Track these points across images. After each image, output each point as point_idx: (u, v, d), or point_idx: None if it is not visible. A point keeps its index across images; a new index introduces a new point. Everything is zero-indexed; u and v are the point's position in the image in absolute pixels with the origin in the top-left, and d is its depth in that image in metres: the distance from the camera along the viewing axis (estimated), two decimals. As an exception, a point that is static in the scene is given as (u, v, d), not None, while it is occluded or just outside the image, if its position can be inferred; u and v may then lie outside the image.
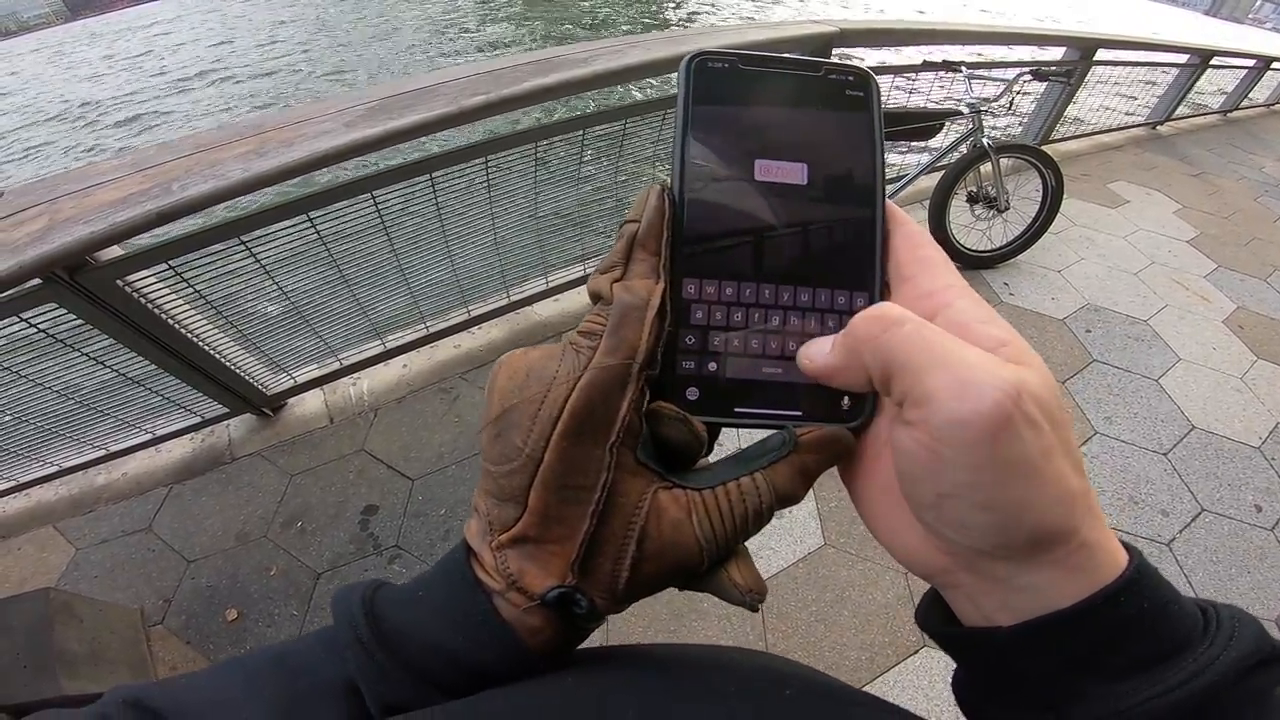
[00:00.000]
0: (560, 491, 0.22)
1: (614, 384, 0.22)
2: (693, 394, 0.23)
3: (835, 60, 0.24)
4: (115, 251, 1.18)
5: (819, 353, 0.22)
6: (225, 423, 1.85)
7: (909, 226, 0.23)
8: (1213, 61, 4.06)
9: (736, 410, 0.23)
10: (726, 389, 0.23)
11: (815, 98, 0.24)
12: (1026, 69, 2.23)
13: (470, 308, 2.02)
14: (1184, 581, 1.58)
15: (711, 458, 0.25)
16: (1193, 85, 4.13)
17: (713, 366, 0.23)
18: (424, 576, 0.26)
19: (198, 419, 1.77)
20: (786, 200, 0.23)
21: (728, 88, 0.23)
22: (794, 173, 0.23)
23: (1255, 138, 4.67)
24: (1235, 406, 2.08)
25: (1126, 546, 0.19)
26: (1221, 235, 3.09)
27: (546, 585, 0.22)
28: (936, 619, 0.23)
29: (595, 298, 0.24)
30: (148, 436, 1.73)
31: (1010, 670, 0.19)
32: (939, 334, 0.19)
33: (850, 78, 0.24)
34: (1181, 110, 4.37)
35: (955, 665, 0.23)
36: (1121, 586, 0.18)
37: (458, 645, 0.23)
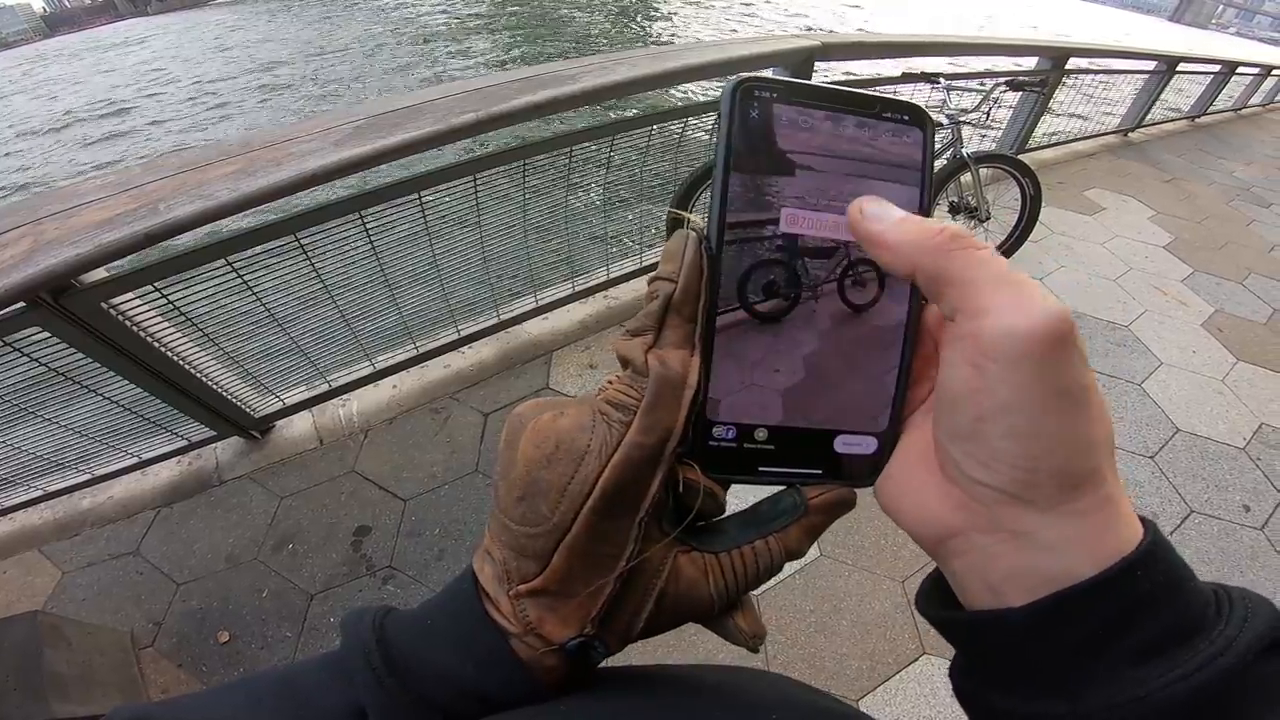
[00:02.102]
0: (585, 558, 0.22)
1: (646, 463, 0.22)
2: (718, 454, 0.23)
3: (889, 96, 0.23)
4: (100, 274, 1.16)
5: (878, 216, 0.21)
6: (213, 445, 1.82)
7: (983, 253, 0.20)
8: (1179, 67, 4.18)
9: (760, 469, 0.23)
10: (752, 451, 0.23)
11: (868, 140, 0.22)
12: (1002, 79, 2.28)
13: (460, 327, 2.01)
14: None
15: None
16: (1161, 91, 4.25)
17: (741, 429, 0.22)
18: (432, 605, 0.26)
19: (184, 442, 1.74)
20: (829, 258, 0.22)
21: (774, 124, 0.22)
22: (840, 228, 0.22)
23: (1224, 142, 4.81)
24: (1218, 408, 2.11)
25: (1141, 519, 0.19)
26: (1196, 240, 3.17)
27: (566, 635, 0.23)
28: (939, 603, 0.22)
29: (625, 363, 0.23)
30: (134, 460, 1.70)
31: (1019, 654, 0.18)
32: (1005, 263, 0.19)
33: (905, 117, 0.23)
34: (1151, 115, 4.48)
35: (955, 653, 0.22)
36: (1138, 558, 0.17)
37: (468, 676, 0.24)
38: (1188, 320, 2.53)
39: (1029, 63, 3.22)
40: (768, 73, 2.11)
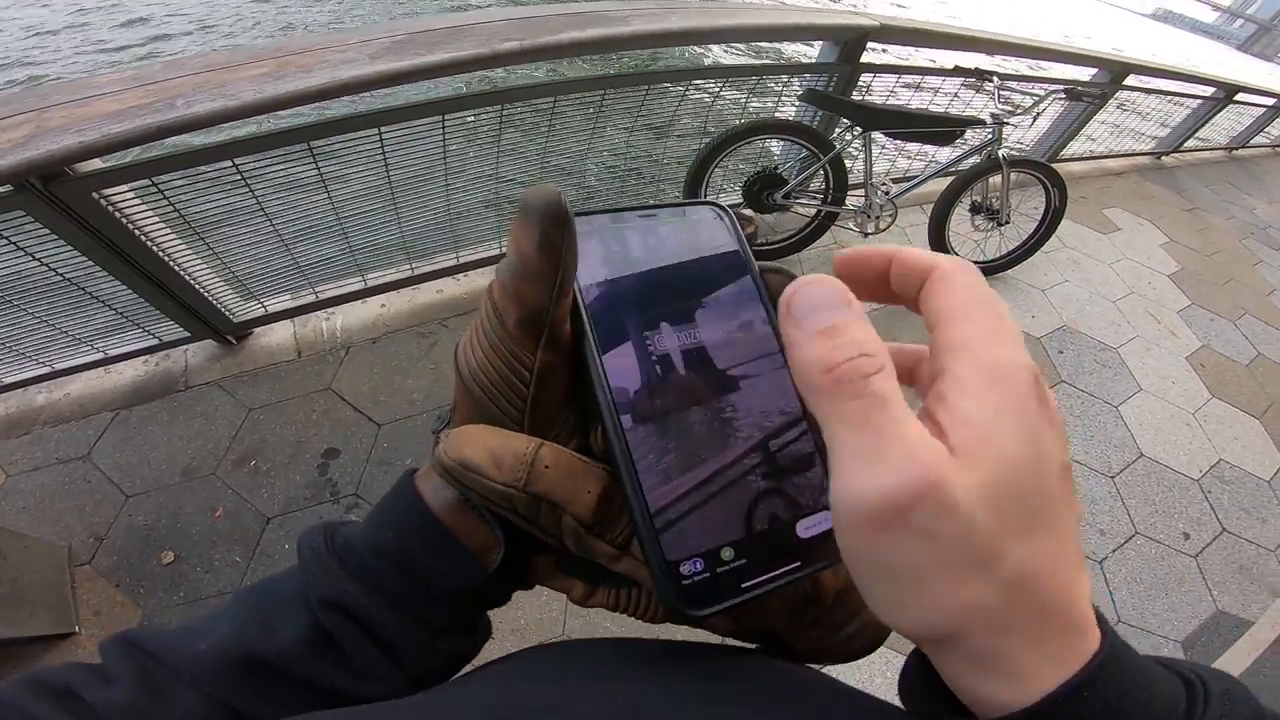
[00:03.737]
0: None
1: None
2: (696, 591, 0.22)
3: (685, 200, 0.28)
4: (95, 164, 1.17)
5: (801, 316, 0.19)
6: (184, 347, 1.83)
7: (952, 276, 0.20)
8: (1237, 97, 4.23)
9: (743, 587, 0.22)
10: (727, 573, 0.22)
11: (685, 242, 0.25)
12: (1060, 87, 2.31)
13: (460, 254, 2.04)
14: (1107, 599, 1.79)
15: None
16: (1210, 119, 4.31)
17: (707, 557, 0.22)
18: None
19: (154, 341, 1.74)
20: (704, 367, 0.24)
21: (605, 251, 0.24)
22: (694, 332, 0.24)
23: (1255, 178, 4.95)
24: (1183, 439, 2.32)
25: (1099, 619, 0.17)
26: (1201, 273, 3.35)
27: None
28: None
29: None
30: (98, 355, 1.70)
31: None
32: (891, 404, 0.17)
33: (710, 215, 0.26)
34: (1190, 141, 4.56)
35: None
36: (1069, 691, 0.16)
37: (390, 542, 0.26)
38: (1174, 351, 2.73)
39: (1079, 72, 3.24)
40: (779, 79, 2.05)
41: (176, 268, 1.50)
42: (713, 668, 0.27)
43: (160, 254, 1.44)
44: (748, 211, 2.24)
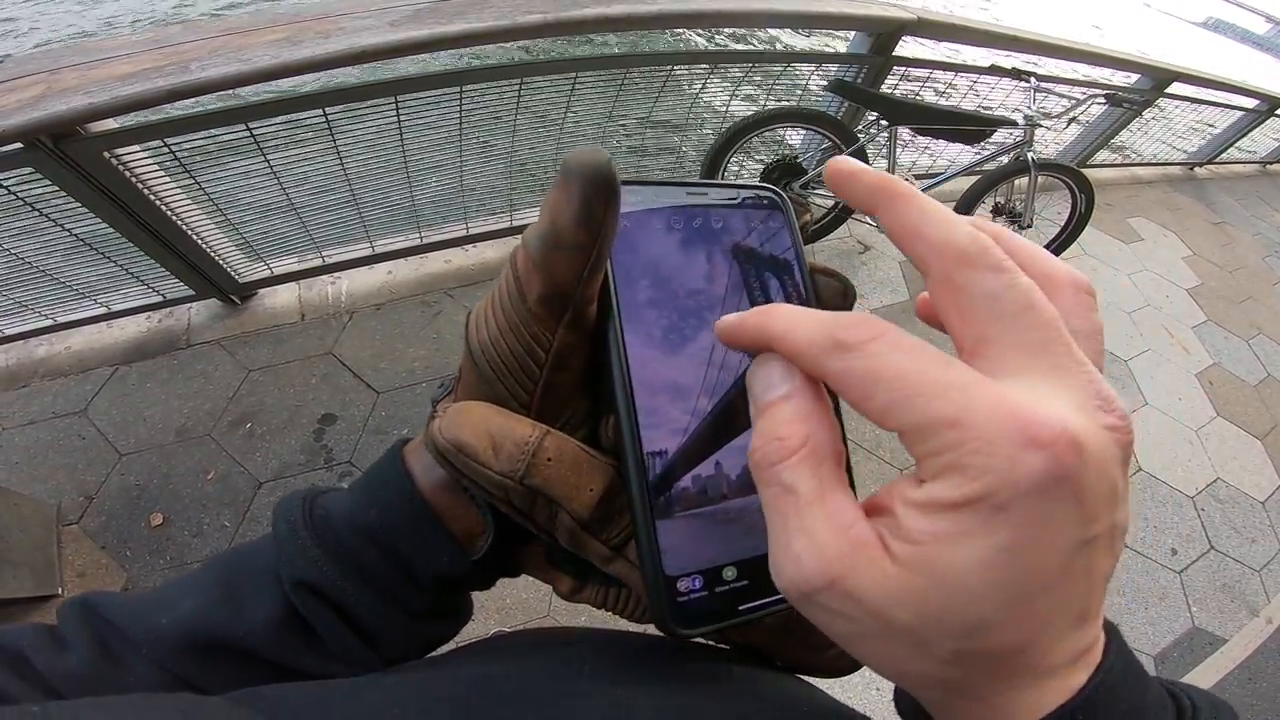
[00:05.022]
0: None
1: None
2: (691, 610, 0.21)
3: (744, 181, 0.25)
4: (109, 124, 1.17)
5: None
6: (187, 306, 1.85)
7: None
8: (1278, 111, 4.13)
9: (740, 609, 0.22)
10: (725, 593, 0.21)
11: (737, 229, 0.23)
12: (1101, 91, 2.27)
13: (470, 224, 2.04)
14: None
15: None
16: (1249, 132, 4.23)
17: (706, 575, 0.21)
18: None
19: (159, 298, 1.76)
20: (735, 370, 0.22)
21: (647, 228, 0.22)
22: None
23: None
24: (1183, 456, 2.34)
25: (1112, 643, 0.16)
26: (1220, 289, 3.33)
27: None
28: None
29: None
30: (101, 310, 1.72)
31: None
32: (796, 494, 0.16)
33: (765, 200, 0.24)
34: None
35: None
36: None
37: (373, 522, 0.25)
38: (1185, 367, 2.73)
39: (1116, 77, 3.17)
40: (805, 68, 2.02)
41: (184, 227, 1.51)
42: (688, 671, 0.27)
43: (169, 213, 1.45)
44: (804, 197, 2.22)
